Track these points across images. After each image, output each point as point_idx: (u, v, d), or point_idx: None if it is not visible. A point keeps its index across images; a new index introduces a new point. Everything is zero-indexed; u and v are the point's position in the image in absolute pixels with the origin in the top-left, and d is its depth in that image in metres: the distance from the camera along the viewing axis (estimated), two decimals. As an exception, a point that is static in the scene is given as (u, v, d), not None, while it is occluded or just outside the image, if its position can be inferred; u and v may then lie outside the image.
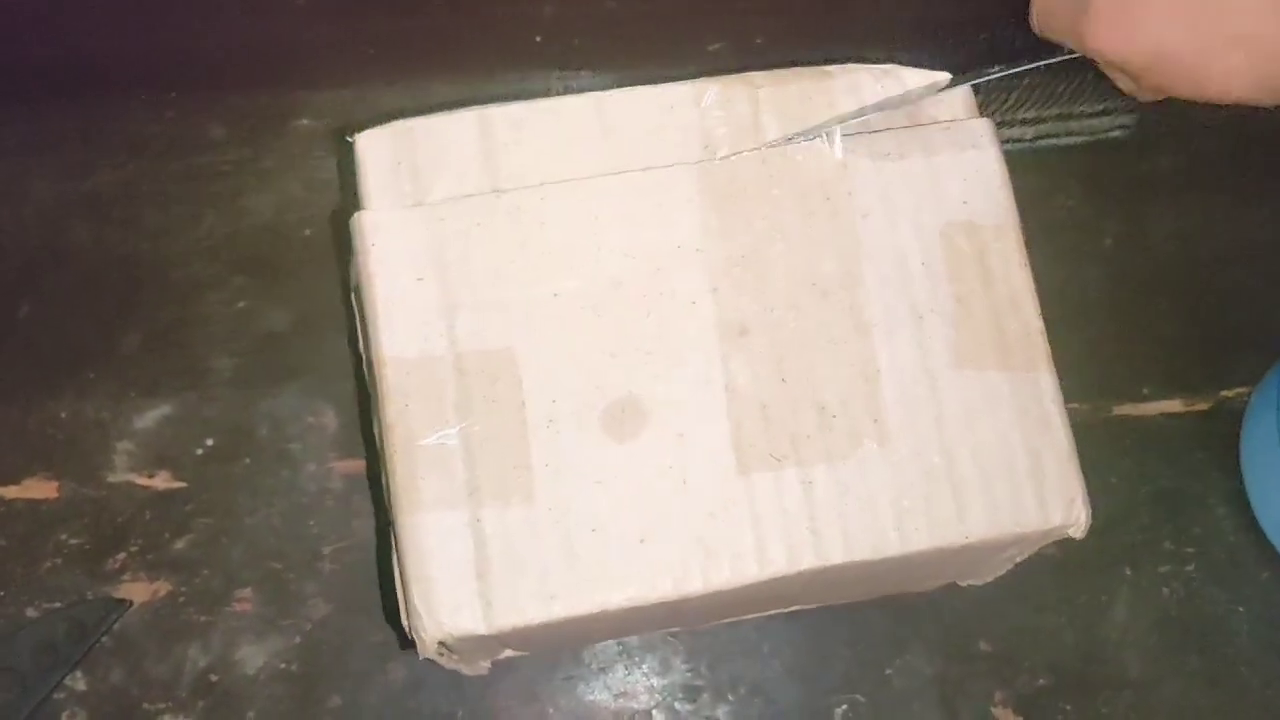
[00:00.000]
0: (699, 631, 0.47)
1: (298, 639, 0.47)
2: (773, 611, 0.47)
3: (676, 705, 0.47)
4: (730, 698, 0.47)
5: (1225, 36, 0.35)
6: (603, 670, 0.48)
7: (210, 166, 0.53)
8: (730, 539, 0.35)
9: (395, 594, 0.36)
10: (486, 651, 0.41)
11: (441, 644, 0.35)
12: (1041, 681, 0.47)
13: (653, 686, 0.47)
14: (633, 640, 0.48)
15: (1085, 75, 0.52)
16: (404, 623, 0.35)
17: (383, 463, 0.36)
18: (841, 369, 0.37)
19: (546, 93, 0.42)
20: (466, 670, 0.42)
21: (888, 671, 0.47)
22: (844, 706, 0.47)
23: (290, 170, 0.53)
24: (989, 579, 0.45)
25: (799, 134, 0.39)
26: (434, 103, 0.39)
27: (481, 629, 0.34)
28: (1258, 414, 0.48)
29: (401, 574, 0.35)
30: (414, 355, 0.36)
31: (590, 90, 0.39)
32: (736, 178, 0.38)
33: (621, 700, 0.47)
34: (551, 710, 0.47)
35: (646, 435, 0.36)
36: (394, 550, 0.36)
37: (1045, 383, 0.37)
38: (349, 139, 0.38)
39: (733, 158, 0.39)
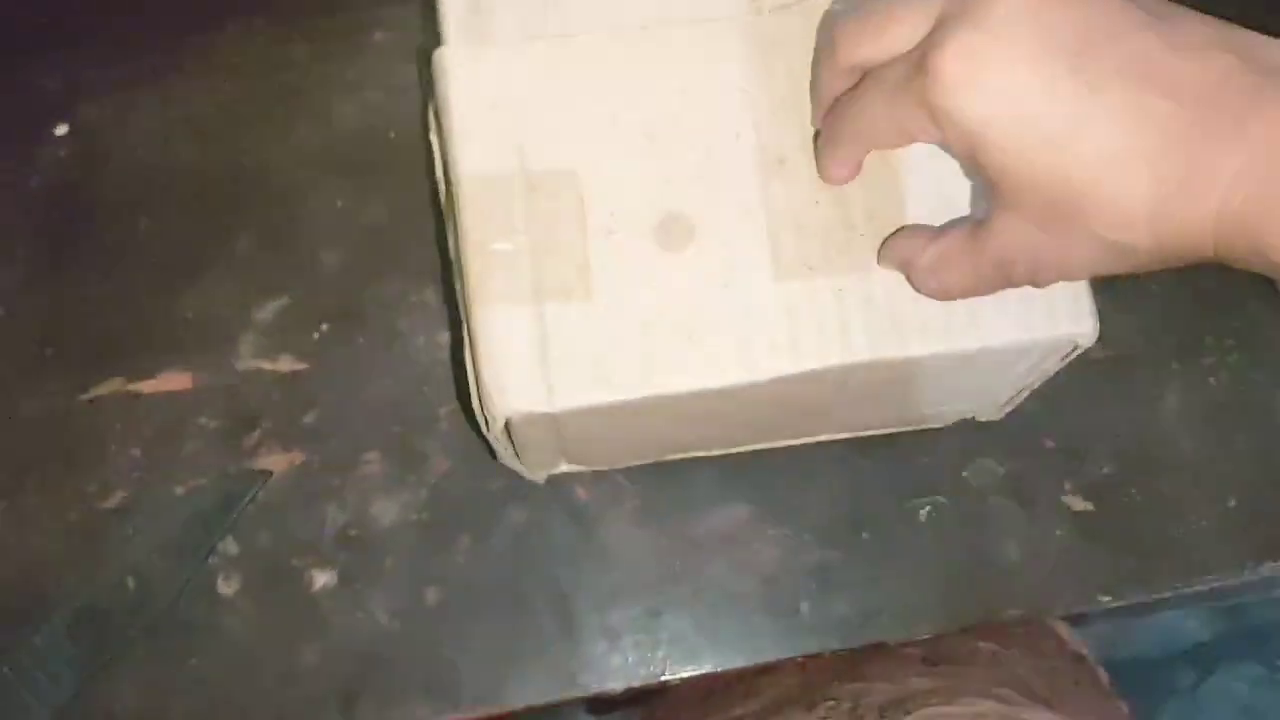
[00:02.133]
0: (784, 456, 0.50)
1: (424, 492, 0.51)
2: (821, 438, 0.51)
3: (777, 519, 0.50)
4: (824, 509, 0.50)
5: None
6: (707, 502, 0.51)
7: (297, 83, 0.58)
8: (768, 336, 0.40)
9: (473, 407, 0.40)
10: (546, 451, 0.46)
11: (508, 424, 0.40)
12: (1106, 470, 0.51)
13: (754, 507, 0.50)
14: (727, 469, 0.51)
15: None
16: (474, 405, 0.40)
17: (456, 270, 0.41)
18: (870, 195, 0.41)
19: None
20: (526, 474, 0.48)
21: (964, 474, 0.51)
22: (927, 508, 0.50)
23: (371, 81, 0.58)
24: (1003, 409, 0.49)
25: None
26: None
27: (544, 407, 0.39)
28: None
29: (474, 361, 0.40)
30: (487, 173, 0.41)
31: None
32: (780, 30, 0.42)
33: (728, 523, 0.50)
34: (664, 537, 0.50)
35: (693, 246, 0.40)
36: (466, 346, 0.41)
37: None
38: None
39: (778, 12, 0.43)
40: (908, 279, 0.39)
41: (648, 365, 0.40)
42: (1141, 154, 0.31)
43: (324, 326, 0.54)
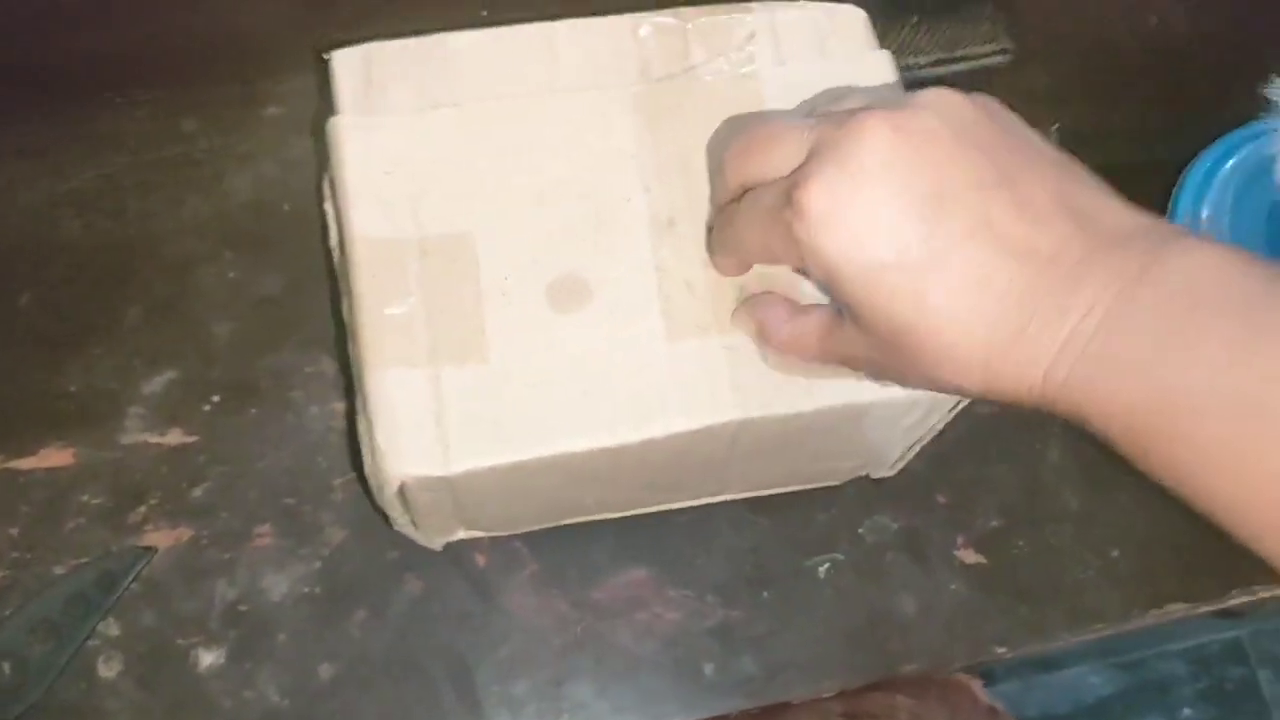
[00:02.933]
0: (684, 518, 0.50)
1: (318, 564, 0.50)
2: (721, 498, 0.51)
3: (678, 580, 0.50)
4: (725, 569, 0.50)
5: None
6: (607, 566, 0.50)
7: (187, 156, 0.58)
8: (661, 394, 0.40)
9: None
10: (442, 516, 0.45)
11: (401, 489, 0.40)
12: (995, 523, 0.52)
13: (654, 569, 0.50)
14: (626, 532, 0.50)
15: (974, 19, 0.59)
16: (366, 471, 0.40)
17: (350, 334, 0.41)
18: None
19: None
20: (422, 540, 0.48)
21: (860, 531, 0.51)
22: (826, 565, 0.50)
23: (264, 153, 0.57)
24: (895, 466, 0.50)
25: (720, 65, 0.45)
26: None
27: (440, 470, 0.39)
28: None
29: (367, 426, 0.40)
30: (381, 236, 0.42)
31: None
32: (667, 98, 0.44)
33: (628, 587, 0.50)
34: (564, 602, 0.50)
35: (588, 308, 0.41)
36: (360, 410, 0.41)
37: None
38: (325, 57, 0.42)
39: (665, 82, 0.44)
40: (756, 343, 0.41)
41: (544, 426, 0.40)
42: (980, 314, 0.33)
43: (215, 398, 0.53)
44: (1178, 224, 0.40)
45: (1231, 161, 0.54)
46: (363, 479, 0.41)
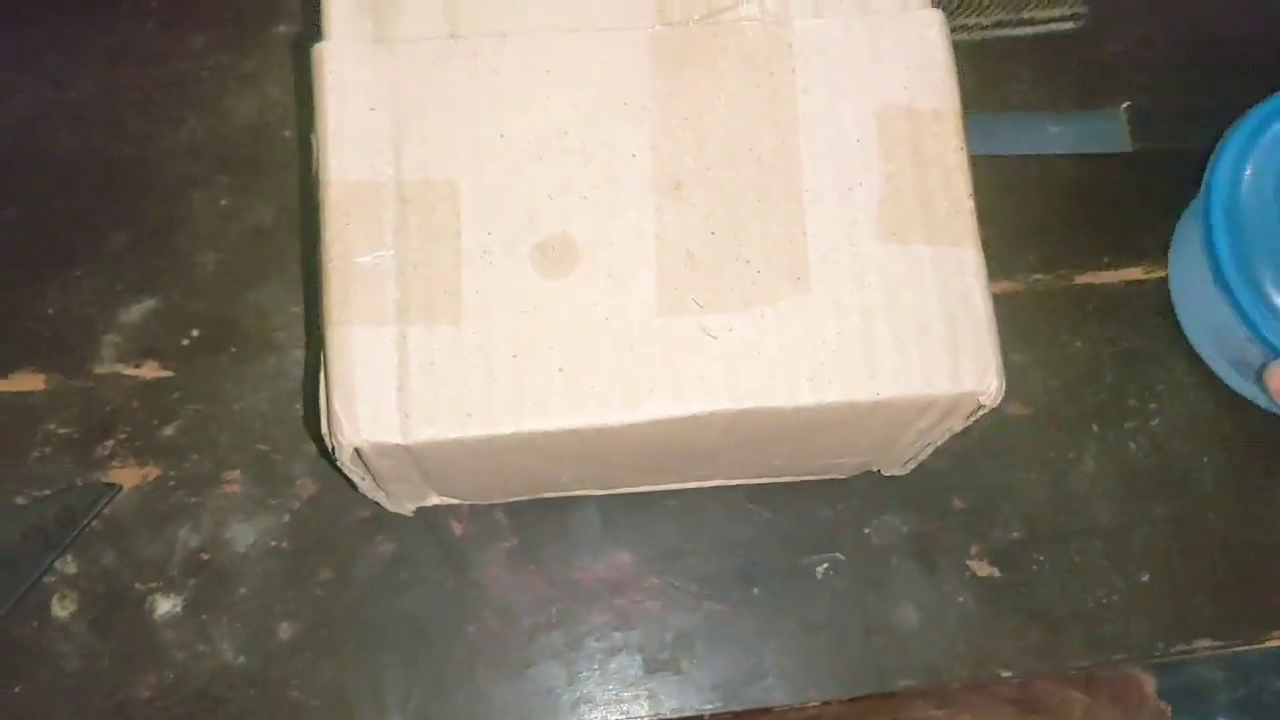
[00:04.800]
0: (675, 500, 0.47)
1: (286, 517, 0.47)
2: (714, 483, 0.48)
3: (662, 568, 0.46)
4: (714, 560, 0.46)
5: None
6: (589, 545, 0.47)
7: (192, 73, 0.54)
8: (648, 376, 0.37)
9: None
10: (407, 484, 0.42)
11: (357, 453, 0.37)
12: (1015, 534, 0.48)
13: (638, 554, 0.46)
14: (612, 511, 0.47)
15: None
16: (324, 431, 0.37)
17: (318, 281, 0.38)
18: (769, 228, 0.38)
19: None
20: (390, 505, 0.45)
21: (866, 530, 0.47)
22: (825, 565, 0.46)
23: (270, 75, 0.54)
24: (907, 465, 0.46)
25: (751, 9, 0.41)
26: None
27: (397, 438, 0.36)
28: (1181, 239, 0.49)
29: (326, 384, 0.37)
30: (358, 178, 0.38)
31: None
32: (687, 45, 0.40)
33: (610, 570, 0.46)
34: (541, 580, 0.46)
35: (575, 273, 0.38)
36: (321, 365, 0.38)
37: (969, 258, 0.38)
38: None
39: (686, 25, 0.40)
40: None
41: (516, 400, 0.37)
42: None
43: (194, 333, 0.50)
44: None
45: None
46: (319, 436, 0.37)
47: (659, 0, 0.40)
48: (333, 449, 0.37)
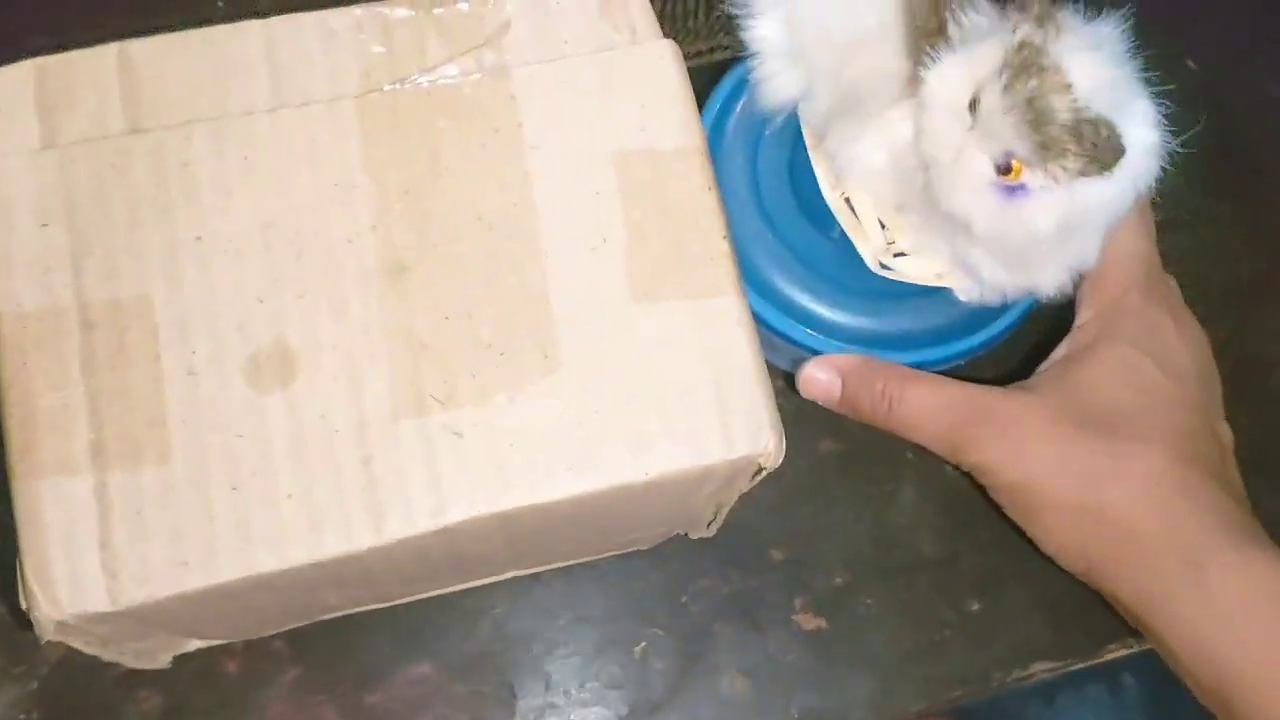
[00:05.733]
0: (468, 600, 0.43)
1: (34, 684, 0.42)
2: (503, 576, 0.44)
3: (465, 675, 0.42)
4: (523, 660, 0.43)
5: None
6: (383, 662, 0.42)
7: None
8: (389, 491, 0.33)
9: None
10: (145, 639, 0.38)
11: (62, 626, 0.32)
12: (839, 580, 0.45)
13: (439, 662, 0.42)
14: (403, 622, 0.42)
15: None
16: (22, 604, 0.32)
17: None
18: (508, 303, 0.35)
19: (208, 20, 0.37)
20: (137, 663, 0.40)
21: (683, 599, 0.44)
22: (642, 645, 0.43)
23: None
24: (711, 526, 0.43)
25: (466, 63, 0.37)
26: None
27: (106, 606, 0.32)
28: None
29: (19, 548, 0.33)
30: (34, 307, 0.34)
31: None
32: (400, 110, 0.37)
33: (410, 686, 0.42)
34: (332, 711, 0.42)
35: (296, 383, 0.34)
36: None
37: (730, 307, 0.36)
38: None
39: (396, 89, 0.37)
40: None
41: (241, 539, 0.33)
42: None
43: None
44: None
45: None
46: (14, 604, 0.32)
47: (364, 65, 0.37)
48: (35, 625, 0.32)
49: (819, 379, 0.42)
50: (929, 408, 0.40)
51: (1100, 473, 0.38)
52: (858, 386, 0.41)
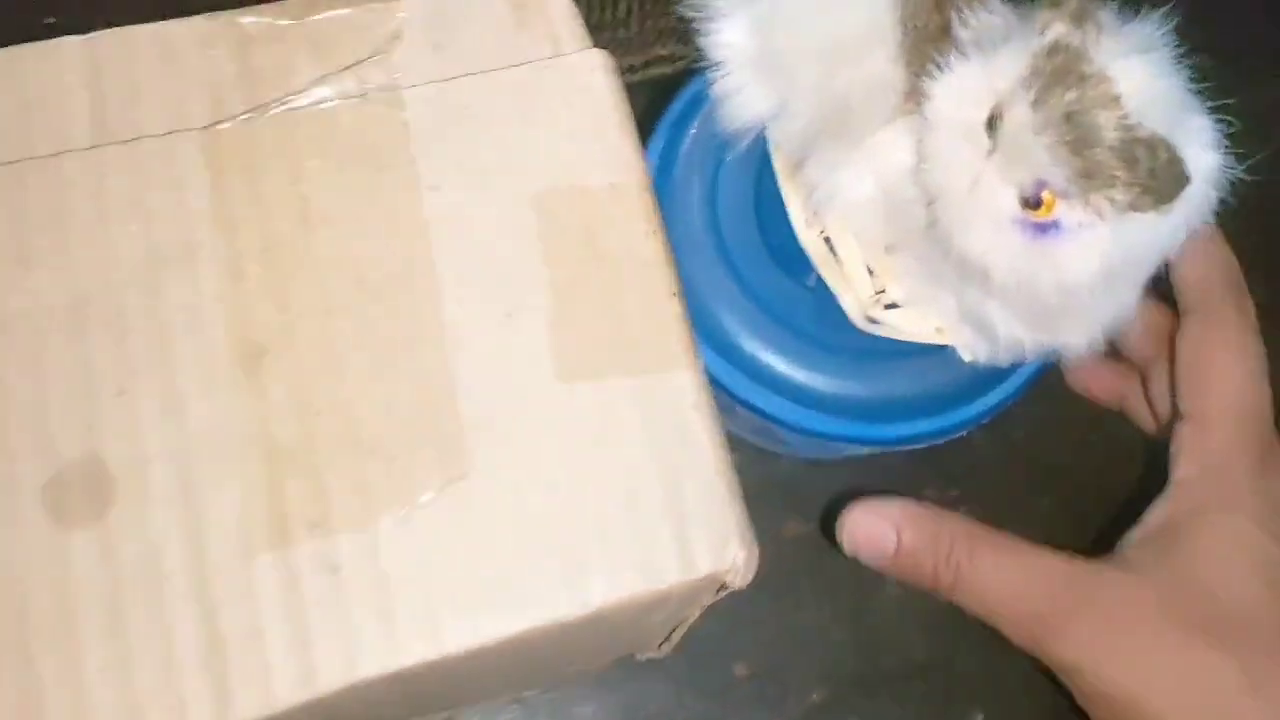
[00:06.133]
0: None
1: None
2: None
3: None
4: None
5: None
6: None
7: None
8: (242, 654, 0.25)
9: None
10: None
11: None
12: (815, 696, 0.38)
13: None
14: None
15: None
16: None
17: None
18: (399, 394, 0.28)
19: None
20: None
21: (635, 731, 0.36)
22: (588, 788, 0.35)
23: None
24: (663, 647, 0.36)
25: (345, 84, 0.30)
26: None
27: None
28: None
29: None
30: None
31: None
32: (258, 146, 0.29)
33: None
34: None
35: (114, 513, 0.26)
36: None
37: (684, 384, 0.28)
38: None
39: (254, 118, 0.29)
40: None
41: None
42: None
43: None
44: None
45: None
46: None
47: (213, 90, 0.29)
48: None
49: (869, 531, 0.34)
50: (1008, 583, 0.32)
51: (1229, 692, 0.30)
52: (918, 544, 0.33)
